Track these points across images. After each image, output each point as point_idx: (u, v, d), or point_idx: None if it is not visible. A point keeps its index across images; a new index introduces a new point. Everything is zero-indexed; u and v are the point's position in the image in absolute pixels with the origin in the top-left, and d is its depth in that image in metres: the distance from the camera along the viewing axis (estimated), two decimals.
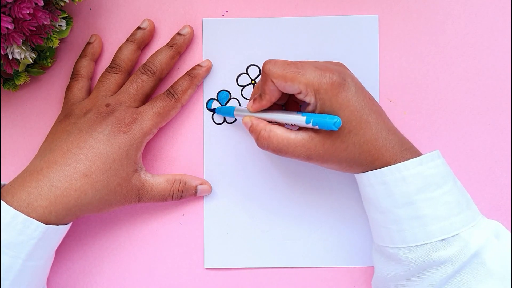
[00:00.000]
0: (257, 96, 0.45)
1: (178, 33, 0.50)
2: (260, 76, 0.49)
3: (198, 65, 0.50)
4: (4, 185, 0.44)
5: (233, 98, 0.51)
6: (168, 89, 0.48)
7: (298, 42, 0.50)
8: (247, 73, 0.51)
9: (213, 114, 0.51)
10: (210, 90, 0.51)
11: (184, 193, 0.49)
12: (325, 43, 0.50)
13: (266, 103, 0.44)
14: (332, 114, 0.41)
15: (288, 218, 0.50)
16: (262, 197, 0.50)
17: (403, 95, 0.50)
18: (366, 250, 0.50)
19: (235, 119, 0.50)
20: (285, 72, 0.42)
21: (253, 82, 0.51)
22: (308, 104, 0.43)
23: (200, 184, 0.49)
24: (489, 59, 0.50)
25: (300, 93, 0.42)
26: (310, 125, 0.41)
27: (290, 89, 0.42)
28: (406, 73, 0.50)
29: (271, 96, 0.44)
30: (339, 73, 0.42)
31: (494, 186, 0.50)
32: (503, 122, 0.50)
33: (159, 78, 0.49)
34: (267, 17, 0.50)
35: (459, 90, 0.50)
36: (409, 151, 0.43)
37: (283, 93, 0.44)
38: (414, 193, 0.41)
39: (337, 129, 0.40)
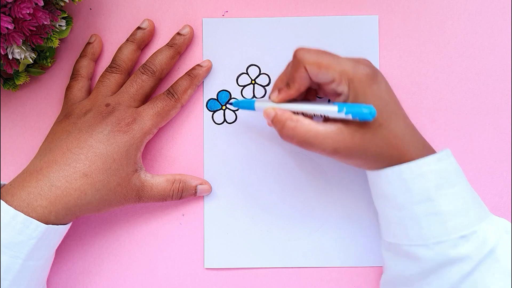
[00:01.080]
0: (284, 85, 0.43)
1: (178, 33, 0.50)
2: (290, 64, 0.45)
3: (198, 65, 0.50)
4: (4, 185, 0.44)
5: (233, 98, 0.51)
6: (168, 89, 0.48)
7: (298, 42, 0.50)
8: (247, 73, 0.51)
9: (213, 114, 0.51)
10: (210, 90, 0.51)
11: (184, 193, 0.49)
12: (325, 43, 0.50)
13: (294, 92, 0.42)
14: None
15: (288, 218, 0.50)
16: (262, 197, 0.50)
17: (403, 95, 0.50)
18: (367, 250, 0.50)
19: (236, 119, 0.50)
20: (320, 59, 0.40)
21: (253, 82, 0.51)
22: (339, 94, 0.41)
23: (200, 184, 0.49)
24: (489, 59, 0.50)
25: (333, 81, 0.41)
26: (342, 115, 0.39)
27: (323, 76, 0.41)
28: (406, 73, 0.50)
29: (301, 85, 0.42)
30: (370, 67, 0.42)
31: (494, 186, 0.50)
32: (503, 122, 0.50)
33: (159, 78, 0.49)
34: (267, 17, 0.50)
35: (459, 90, 0.50)
36: (430, 150, 0.43)
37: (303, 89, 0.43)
38: (433, 189, 0.41)
39: (372, 119, 0.39)
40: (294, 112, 0.42)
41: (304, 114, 0.42)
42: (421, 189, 0.41)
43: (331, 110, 0.40)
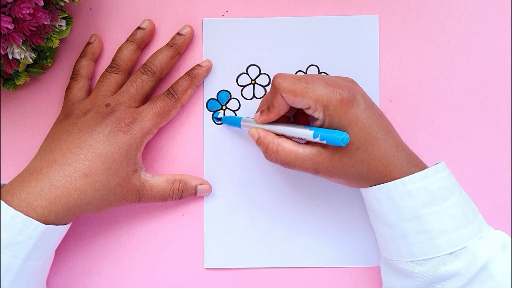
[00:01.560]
0: (265, 108, 0.45)
1: (178, 33, 0.50)
2: (269, 89, 0.49)
3: (198, 65, 0.50)
4: (4, 185, 0.44)
5: (233, 98, 0.51)
6: (168, 89, 0.48)
7: (298, 42, 0.50)
8: (247, 73, 0.51)
9: (213, 114, 0.51)
10: (210, 90, 0.51)
11: (184, 193, 0.49)
12: (325, 43, 0.50)
13: (274, 116, 0.44)
14: (341, 130, 0.41)
15: (288, 218, 0.50)
16: (262, 197, 0.50)
17: (403, 95, 0.50)
18: (366, 250, 0.50)
19: None
20: (295, 87, 0.41)
21: (253, 82, 0.51)
22: (316, 119, 0.43)
23: (200, 184, 0.49)
24: (489, 59, 0.50)
25: (309, 108, 0.42)
26: (317, 140, 0.41)
27: (299, 104, 0.42)
28: (406, 73, 0.50)
29: (280, 110, 0.43)
30: (349, 89, 0.42)
31: (494, 186, 0.50)
32: (503, 122, 0.50)
33: (159, 78, 0.49)
34: (267, 17, 0.50)
35: (459, 90, 0.50)
36: (417, 167, 0.42)
37: (291, 107, 0.44)
38: (420, 207, 0.41)
39: (344, 145, 0.40)
40: (278, 133, 0.44)
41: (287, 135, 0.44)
42: (409, 207, 0.41)
43: (307, 134, 0.42)
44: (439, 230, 0.41)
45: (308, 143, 0.43)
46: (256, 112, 0.47)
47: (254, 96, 0.51)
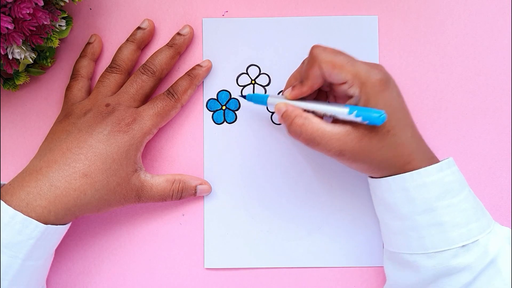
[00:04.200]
0: (298, 83, 0.43)
1: (178, 33, 0.50)
2: (305, 61, 0.45)
3: (198, 65, 0.50)
4: (4, 184, 0.44)
5: (233, 98, 0.51)
6: (168, 89, 0.48)
7: (298, 42, 0.50)
8: (247, 73, 0.51)
9: (213, 114, 0.51)
10: (210, 90, 0.51)
11: (184, 193, 0.49)
12: (325, 43, 0.50)
13: (307, 89, 0.42)
14: None
15: (288, 218, 0.50)
16: (262, 197, 0.50)
17: (403, 95, 0.50)
18: (367, 250, 0.50)
19: (236, 119, 0.50)
20: (334, 59, 0.40)
21: (253, 82, 0.51)
22: (349, 97, 0.41)
23: (200, 184, 0.49)
24: (489, 59, 0.50)
25: (345, 83, 0.41)
26: (351, 117, 0.39)
27: (336, 77, 0.40)
28: (406, 73, 0.50)
29: (314, 83, 0.42)
30: (385, 72, 0.41)
31: (494, 186, 0.50)
32: (503, 122, 0.50)
33: (159, 78, 0.49)
34: (267, 17, 0.50)
35: (459, 90, 0.50)
36: (433, 159, 0.43)
37: (317, 87, 0.43)
38: (434, 200, 0.41)
39: (381, 124, 0.39)
40: (306, 111, 0.42)
41: (315, 114, 0.42)
42: (424, 199, 0.41)
43: (341, 111, 0.40)
44: (451, 223, 0.41)
45: (335, 122, 0.42)
46: (284, 89, 0.45)
47: None
